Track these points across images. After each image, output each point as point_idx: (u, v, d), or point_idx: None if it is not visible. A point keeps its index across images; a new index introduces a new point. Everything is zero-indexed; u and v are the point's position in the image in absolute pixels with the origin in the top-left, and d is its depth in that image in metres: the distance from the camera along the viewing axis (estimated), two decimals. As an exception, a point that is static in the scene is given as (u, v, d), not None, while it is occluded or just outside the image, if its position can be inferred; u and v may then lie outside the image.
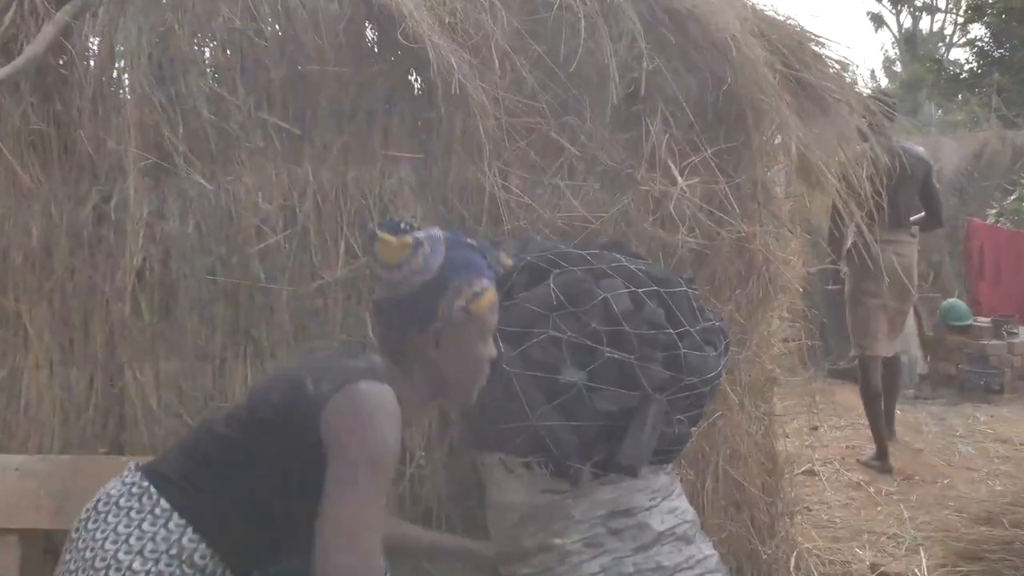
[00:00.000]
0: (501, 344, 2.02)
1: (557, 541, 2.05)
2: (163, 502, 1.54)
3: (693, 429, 2.24)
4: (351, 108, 2.35)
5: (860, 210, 4.20)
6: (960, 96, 13.94)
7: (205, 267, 2.32)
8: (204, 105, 2.32)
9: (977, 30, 13.93)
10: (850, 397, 6.65)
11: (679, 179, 2.42)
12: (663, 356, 2.04)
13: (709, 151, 2.51)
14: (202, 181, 2.30)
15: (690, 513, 2.21)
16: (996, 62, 12.68)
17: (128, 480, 1.61)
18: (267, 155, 2.34)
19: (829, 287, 5.40)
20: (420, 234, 1.60)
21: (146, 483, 1.57)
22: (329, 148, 2.35)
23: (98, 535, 1.55)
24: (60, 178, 2.41)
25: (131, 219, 2.35)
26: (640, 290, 2.08)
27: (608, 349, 2.00)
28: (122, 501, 1.58)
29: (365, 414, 1.48)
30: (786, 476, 3.32)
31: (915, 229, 4.92)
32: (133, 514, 1.55)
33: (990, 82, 11.71)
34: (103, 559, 1.51)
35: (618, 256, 2.18)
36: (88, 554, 1.53)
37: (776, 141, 2.63)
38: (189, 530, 1.52)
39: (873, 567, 3.45)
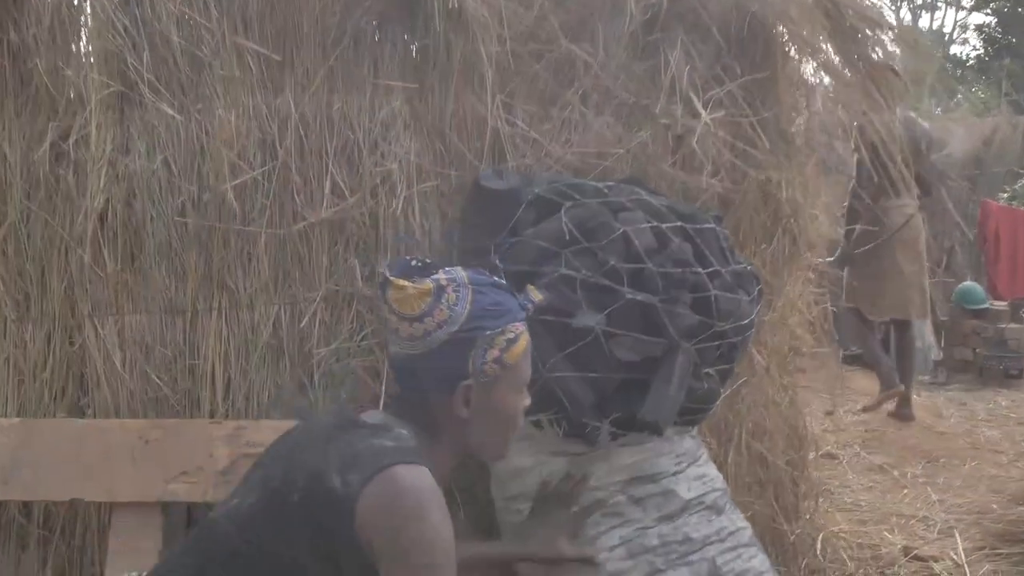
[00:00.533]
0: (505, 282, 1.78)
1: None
2: None
3: (722, 389, 2.00)
4: (337, 31, 2.10)
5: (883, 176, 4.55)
6: (963, 86, 13.71)
7: (174, 208, 2.07)
8: (173, 29, 2.08)
9: (982, 17, 13.71)
10: (865, 383, 6.42)
11: (702, 112, 2.17)
12: (691, 298, 1.80)
13: (734, 84, 2.26)
14: (171, 112, 2.05)
15: (719, 481, 1.97)
16: (1004, 48, 12.45)
17: None
18: (243, 84, 2.09)
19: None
20: (441, 276, 1.36)
21: None
22: (312, 76, 2.10)
23: None
24: (13, 114, 2.16)
25: (92, 157, 2.10)
26: (664, 225, 1.83)
27: (629, 290, 1.76)
28: None
29: (411, 509, 1.24)
30: (811, 455, 3.08)
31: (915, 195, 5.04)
32: None
33: (999, 67, 11.48)
34: None
35: (637, 190, 1.93)
36: None
37: (808, 75, 2.38)
38: None
39: (906, 550, 3.21)
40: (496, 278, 1.44)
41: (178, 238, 2.07)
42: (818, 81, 2.61)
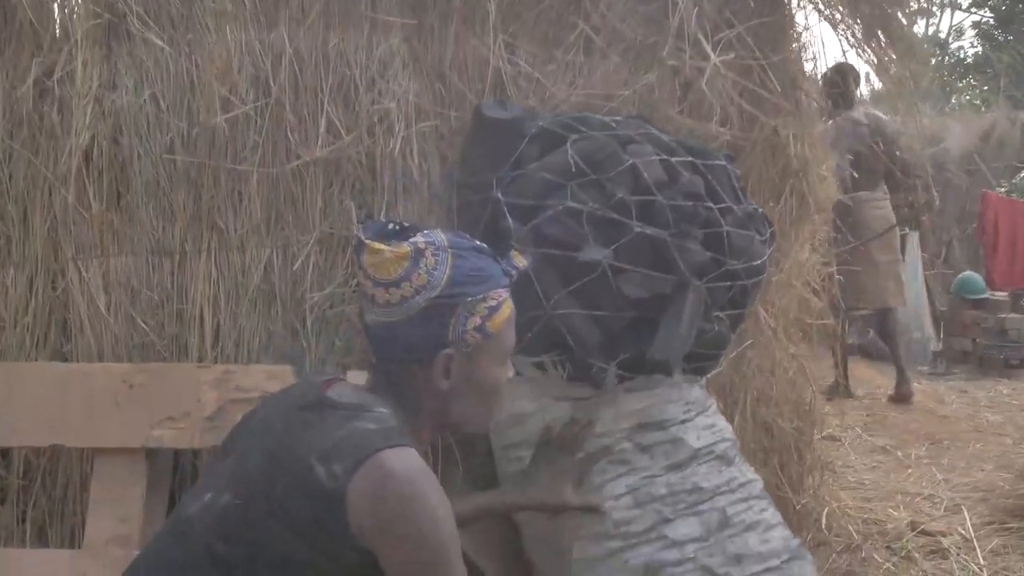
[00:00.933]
0: (510, 219, 1.70)
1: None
2: None
3: (732, 336, 1.92)
4: (334, -37, 2.03)
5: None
6: (961, 83, 13.70)
7: (162, 146, 1.99)
8: (163, -40, 2.00)
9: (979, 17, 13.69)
10: (865, 371, 6.37)
11: (711, 54, 2.09)
12: (703, 234, 1.72)
13: (743, 26, 2.19)
14: (160, 44, 1.97)
15: (728, 431, 1.89)
16: (1002, 46, 12.44)
17: None
18: (236, 18, 2.01)
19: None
20: (419, 239, 1.27)
21: None
22: (307, 10, 2.02)
23: None
24: (-4, 49, 2.08)
25: (77, 93, 2.02)
26: (674, 159, 1.76)
27: (638, 223, 1.68)
28: None
29: (405, 495, 1.15)
30: (816, 428, 3.01)
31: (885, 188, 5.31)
32: None
33: (998, 63, 11.46)
34: None
35: (646, 124, 1.85)
36: None
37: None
38: None
39: (912, 525, 3.13)
40: (478, 242, 1.34)
41: (166, 177, 1.99)
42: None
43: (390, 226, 1.31)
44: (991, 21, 13.00)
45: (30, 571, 1.77)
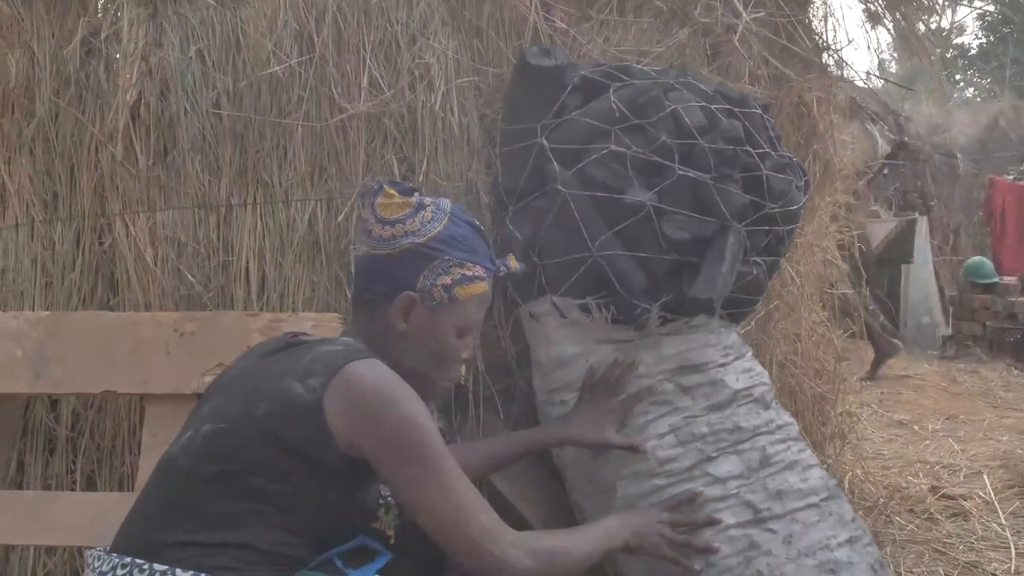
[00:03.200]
0: (555, 163, 1.74)
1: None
2: (179, 572, 1.21)
3: (769, 280, 1.95)
4: (375, -77, 2.06)
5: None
6: (966, 74, 13.71)
7: (208, 101, 2.03)
8: (208, -79, 2.04)
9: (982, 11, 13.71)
10: (870, 352, 6.40)
11: (743, 11, 2.13)
12: (742, 178, 1.76)
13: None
14: (206, 1, 2.01)
15: (765, 376, 1.93)
16: (1006, 38, 12.46)
17: (106, 568, 1.24)
18: (279, -24, 2.05)
19: None
20: (427, 198, 1.46)
21: (135, 560, 1.22)
22: (350, -32, 2.06)
23: None
24: (43, 10, 2.12)
25: (124, 52, 2.06)
26: (713, 106, 1.80)
27: (680, 167, 1.72)
28: None
29: (377, 395, 1.27)
30: (839, 396, 3.05)
31: None
32: None
33: (1003, 54, 11.49)
34: None
35: (684, 74, 1.89)
36: None
37: None
38: None
39: (933, 490, 3.18)
40: (478, 224, 1.48)
41: (212, 132, 2.03)
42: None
43: (411, 187, 1.47)
44: (996, 12, 13.02)
45: (81, 513, 1.80)
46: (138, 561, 1.21)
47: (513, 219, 1.80)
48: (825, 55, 2.40)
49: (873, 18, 2.62)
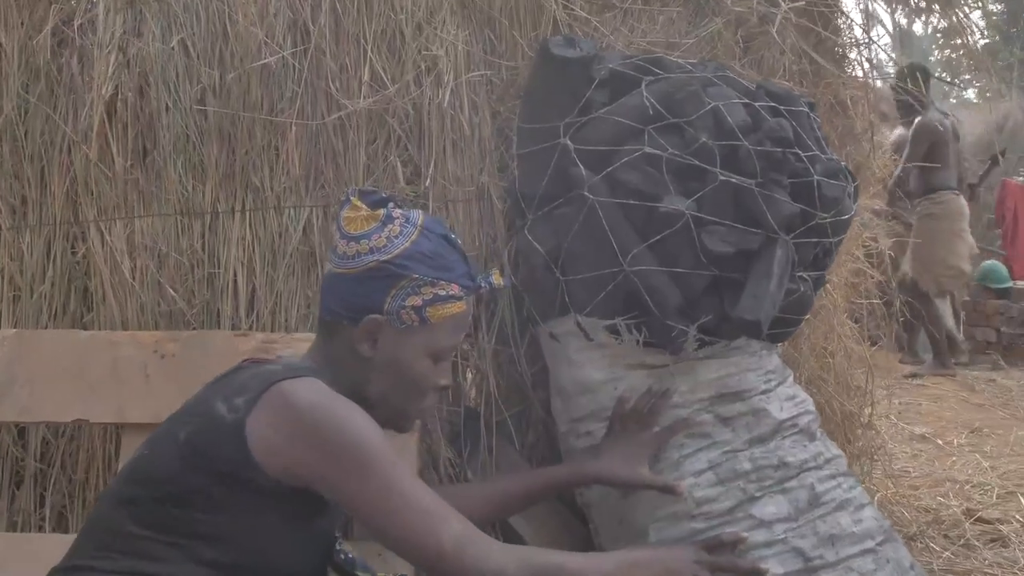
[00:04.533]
0: (581, 167, 1.55)
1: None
2: None
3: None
4: (377, -100, 1.87)
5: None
6: (971, 75, 13.59)
7: (192, 97, 1.84)
8: None
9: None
10: (886, 360, 6.22)
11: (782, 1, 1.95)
12: (791, 184, 1.57)
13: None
14: (190, -14, 1.82)
15: (810, 404, 1.74)
16: (1014, 37, 12.34)
17: None
18: (271, -42, 1.85)
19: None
20: (396, 210, 1.33)
21: None
22: (349, -50, 1.87)
23: None
24: (11, -3, 1.93)
25: (99, 42, 1.87)
26: (757, 104, 1.61)
27: (722, 171, 1.52)
28: None
29: (307, 411, 1.18)
30: (868, 412, 2.87)
31: None
32: None
33: (1009, 54, 11.35)
34: None
35: (722, 68, 1.70)
36: None
37: None
38: None
39: (968, 512, 2.99)
40: (454, 237, 1.36)
41: (196, 131, 1.84)
42: None
43: (385, 195, 1.35)
44: (1003, 11, 12.90)
45: (50, 556, 1.61)
46: None
47: (533, 229, 1.61)
48: (861, 50, 2.21)
49: (916, 11, 2.44)
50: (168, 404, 1.64)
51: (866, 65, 2.43)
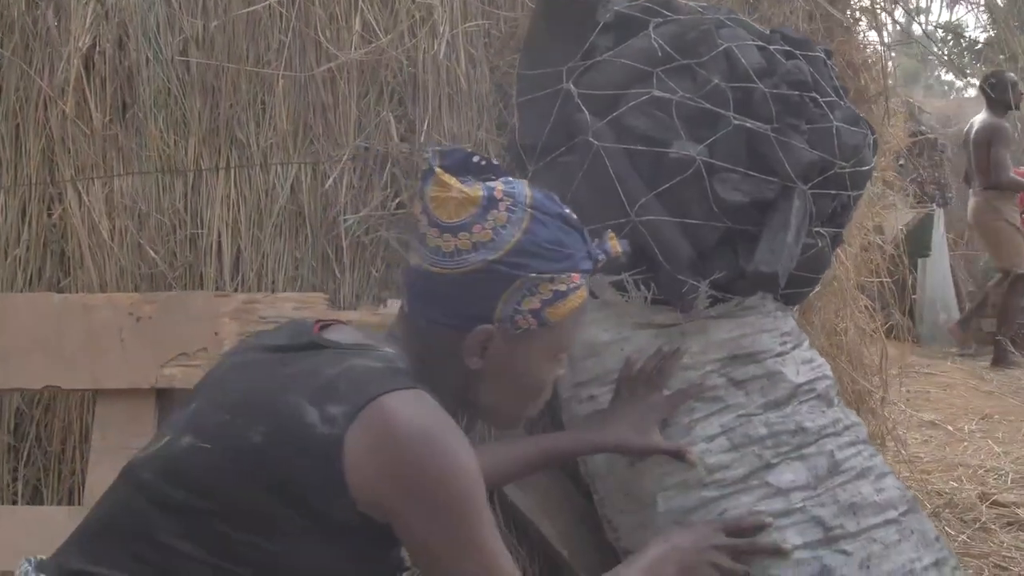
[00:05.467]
0: (586, 112, 1.45)
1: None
2: None
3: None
4: None
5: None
6: (976, 66, 13.50)
7: (174, 48, 1.74)
8: None
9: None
10: (895, 350, 6.12)
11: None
12: (809, 130, 1.47)
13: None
14: (170, -70, 1.72)
15: (827, 369, 1.64)
16: (1015, 31, 12.23)
17: None
18: (257, -99, 1.76)
19: None
20: (498, 186, 1.07)
21: None
22: None
23: None
24: (-18, -55, 1.83)
25: (76, -9, 1.77)
26: (772, 47, 1.51)
27: (735, 115, 1.43)
28: None
29: (415, 443, 0.96)
30: (881, 392, 2.78)
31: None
32: None
33: (1016, 47, 11.25)
34: None
35: (734, 12, 1.61)
36: None
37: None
38: None
39: (983, 496, 2.90)
40: (568, 211, 1.11)
41: (178, 84, 1.75)
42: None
43: (474, 159, 1.10)
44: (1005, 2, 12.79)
45: (23, 529, 1.51)
46: None
47: (534, 180, 1.51)
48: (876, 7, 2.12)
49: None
50: (144, 369, 1.58)
51: (887, 23, 2.35)
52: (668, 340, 1.51)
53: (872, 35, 2.94)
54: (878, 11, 2.29)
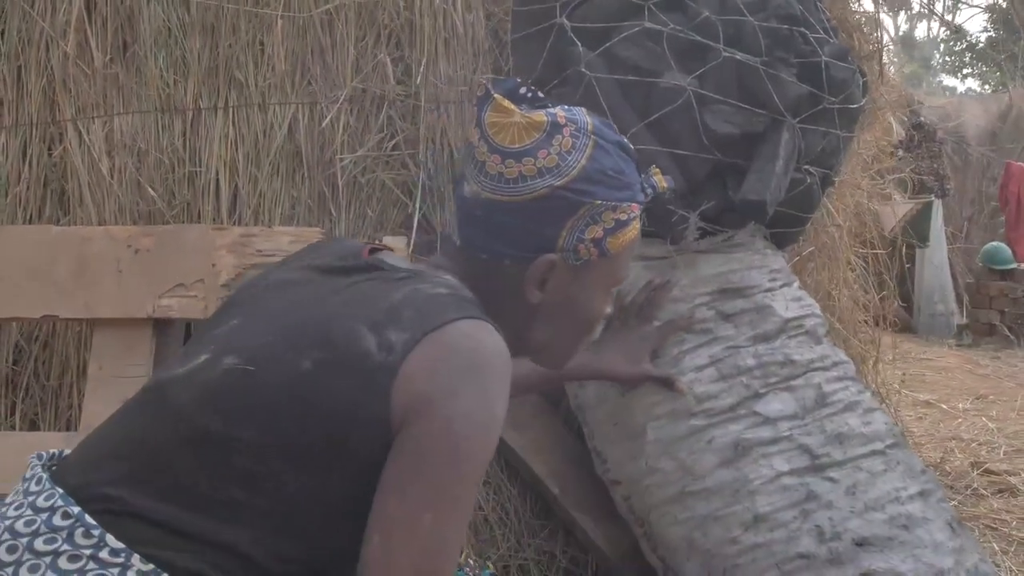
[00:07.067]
0: (578, 45, 1.47)
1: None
2: (136, 561, 0.84)
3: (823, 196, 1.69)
4: None
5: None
6: (975, 66, 13.56)
7: (174, -12, 1.76)
8: None
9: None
10: (890, 337, 6.14)
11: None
12: (798, 64, 1.49)
13: None
14: None
15: (817, 308, 1.66)
16: (1016, 30, 12.29)
17: (42, 503, 0.88)
18: None
19: None
20: (559, 112, 1.02)
21: (83, 516, 0.86)
22: None
23: None
24: None
25: (78, -67, 1.79)
26: (762, -16, 1.53)
27: (726, 48, 1.45)
28: (40, 544, 0.86)
29: (474, 372, 0.89)
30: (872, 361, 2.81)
31: None
32: (65, 563, 0.84)
33: (1014, 44, 11.29)
34: None
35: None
36: None
37: None
38: None
39: (975, 465, 2.92)
40: (625, 139, 1.06)
41: (178, 24, 1.77)
42: None
43: (522, 90, 1.04)
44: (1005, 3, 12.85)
45: (19, 453, 1.53)
46: (72, 509, 0.85)
47: (528, 112, 1.53)
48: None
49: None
50: (140, 299, 1.60)
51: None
52: (658, 272, 1.53)
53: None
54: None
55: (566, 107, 1.03)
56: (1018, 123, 10.21)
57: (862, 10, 2.28)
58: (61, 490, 0.88)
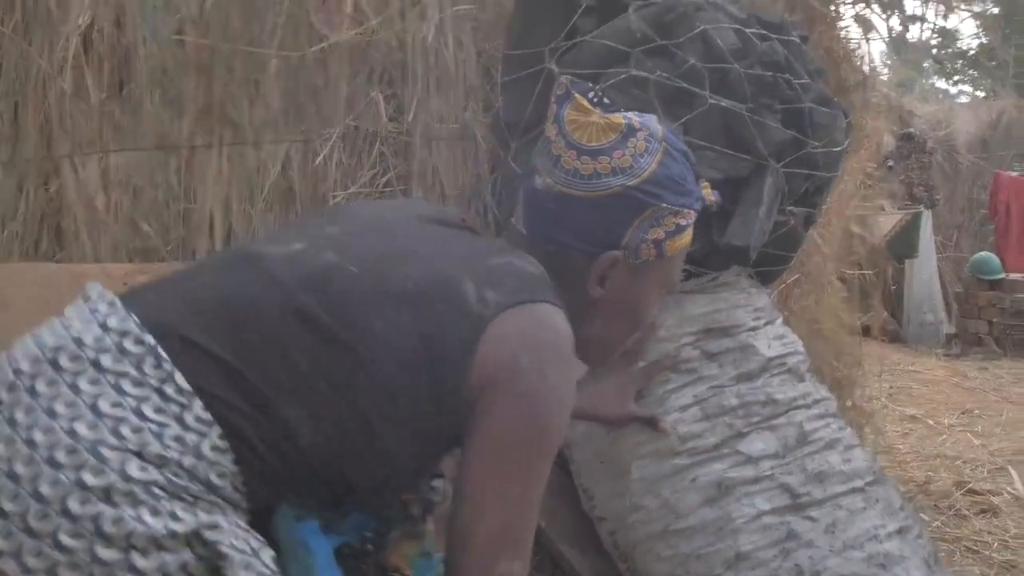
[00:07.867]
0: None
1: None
2: (197, 407, 0.88)
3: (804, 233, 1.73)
4: None
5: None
6: (966, 73, 13.65)
7: (170, 28, 1.79)
8: None
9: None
10: (879, 350, 6.20)
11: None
12: (782, 110, 1.53)
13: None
14: (168, -87, 1.78)
15: (799, 345, 1.70)
16: (1008, 37, 12.39)
17: (114, 324, 0.91)
18: None
19: None
20: (633, 117, 1.07)
21: (156, 349, 0.89)
22: None
23: (59, 408, 0.87)
24: (-17, -75, 1.88)
25: (75, -28, 1.82)
26: (748, 31, 1.57)
27: (711, 95, 1.49)
28: (107, 361, 0.89)
29: (549, 349, 0.96)
30: (858, 383, 2.84)
31: None
32: (128, 386, 0.88)
33: (1004, 52, 11.37)
34: (63, 447, 0.85)
35: (714, -3, 1.67)
36: (37, 435, 0.85)
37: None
38: (230, 455, 0.89)
39: (958, 485, 2.96)
40: (688, 151, 1.12)
41: (174, 63, 1.80)
42: None
43: (591, 96, 1.09)
44: (996, 10, 12.96)
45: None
46: (147, 338, 0.88)
47: (517, 156, 1.57)
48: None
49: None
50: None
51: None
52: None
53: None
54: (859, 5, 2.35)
55: (638, 113, 1.10)
56: (1009, 130, 10.28)
57: (848, 36, 2.30)
58: (136, 318, 0.91)
